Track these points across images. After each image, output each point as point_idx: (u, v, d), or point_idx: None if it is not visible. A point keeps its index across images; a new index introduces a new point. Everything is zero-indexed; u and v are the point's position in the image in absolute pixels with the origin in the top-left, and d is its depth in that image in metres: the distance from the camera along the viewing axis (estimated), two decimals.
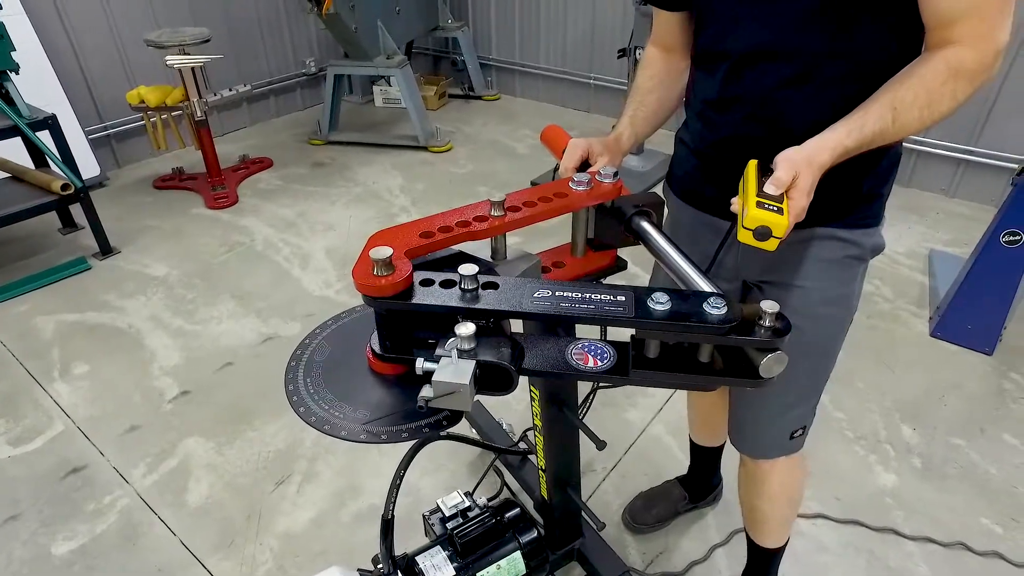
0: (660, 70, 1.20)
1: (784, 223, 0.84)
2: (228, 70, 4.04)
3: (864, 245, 1.08)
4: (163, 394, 2.24)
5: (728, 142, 1.06)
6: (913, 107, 0.87)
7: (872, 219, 1.07)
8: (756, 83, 0.98)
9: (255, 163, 3.88)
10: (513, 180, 3.76)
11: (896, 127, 0.87)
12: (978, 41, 0.84)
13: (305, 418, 0.84)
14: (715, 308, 0.75)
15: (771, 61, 0.95)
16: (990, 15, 0.83)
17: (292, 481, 1.91)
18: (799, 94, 0.95)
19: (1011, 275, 2.27)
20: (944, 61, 0.86)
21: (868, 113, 0.87)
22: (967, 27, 0.84)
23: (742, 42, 0.97)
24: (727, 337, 0.76)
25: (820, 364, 1.18)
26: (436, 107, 4.90)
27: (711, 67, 1.05)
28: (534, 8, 4.72)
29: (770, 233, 0.84)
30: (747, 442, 1.29)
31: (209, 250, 3.07)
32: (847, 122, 0.88)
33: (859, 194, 1.04)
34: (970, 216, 3.30)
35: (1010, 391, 2.23)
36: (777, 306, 0.74)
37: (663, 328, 0.77)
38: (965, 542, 1.72)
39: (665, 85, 1.20)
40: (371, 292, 0.81)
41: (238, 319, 2.59)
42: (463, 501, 1.43)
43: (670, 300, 0.77)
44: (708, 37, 1.05)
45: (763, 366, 0.76)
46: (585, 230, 1.09)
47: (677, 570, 1.67)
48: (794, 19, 0.92)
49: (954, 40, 0.85)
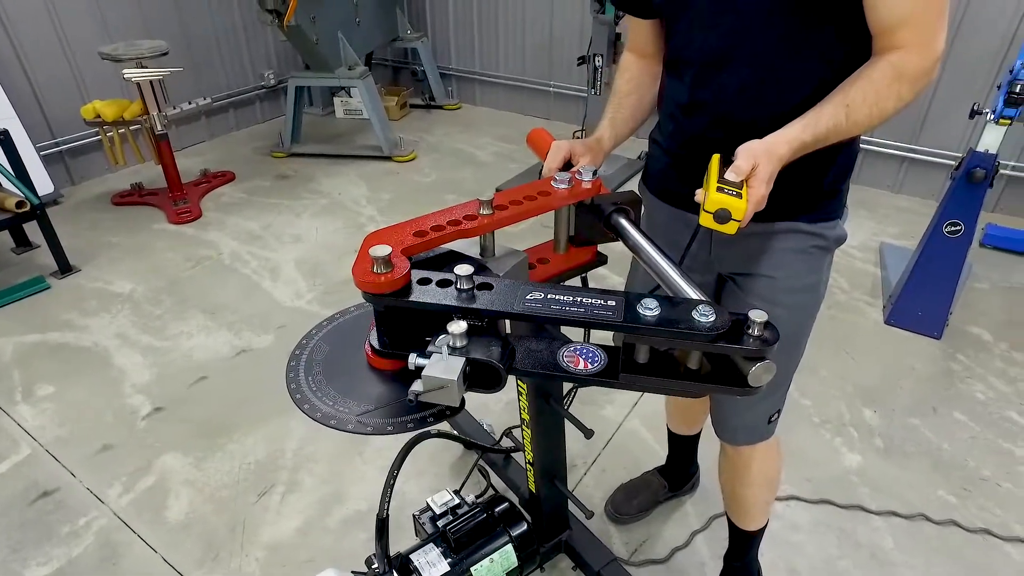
0: (636, 74, 1.26)
1: (742, 206, 0.89)
2: (185, 84, 3.97)
3: (828, 237, 1.15)
4: (136, 412, 2.20)
5: (695, 143, 1.12)
6: (863, 106, 0.94)
7: (834, 212, 1.15)
8: (719, 88, 1.05)
9: (217, 177, 3.83)
10: (478, 187, 3.81)
11: (848, 124, 0.95)
12: (918, 47, 0.92)
13: (311, 414, 0.85)
14: (704, 316, 0.76)
15: (731, 67, 1.02)
16: (928, 23, 0.91)
17: (275, 491, 1.90)
18: (758, 98, 1.02)
19: (954, 263, 2.42)
20: (890, 65, 0.94)
21: (822, 111, 0.95)
22: (908, 34, 0.92)
23: (704, 49, 1.04)
24: (715, 345, 0.77)
25: (791, 351, 1.23)
26: (398, 117, 4.92)
27: (679, 73, 1.12)
28: (492, 18, 4.79)
29: (729, 216, 0.89)
30: (729, 431, 1.34)
31: (175, 265, 3.02)
32: (803, 119, 0.95)
33: (821, 189, 1.11)
34: (914, 210, 3.49)
35: (958, 372, 2.37)
36: (765, 315, 0.76)
37: (651, 333, 0.79)
38: (925, 513, 1.82)
39: (642, 89, 1.26)
40: (370, 289, 0.84)
41: (209, 333, 2.56)
42: (452, 499, 1.46)
43: (659, 306, 0.78)
44: (675, 44, 1.11)
45: (752, 375, 0.77)
46: (567, 227, 1.14)
47: (660, 557, 1.72)
48: (750, 27, 0.98)
49: (897, 46, 0.93)
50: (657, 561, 1.71)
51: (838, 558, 1.71)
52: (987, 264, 3.01)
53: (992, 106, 2.27)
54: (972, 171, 2.28)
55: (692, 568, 1.70)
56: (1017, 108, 2.18)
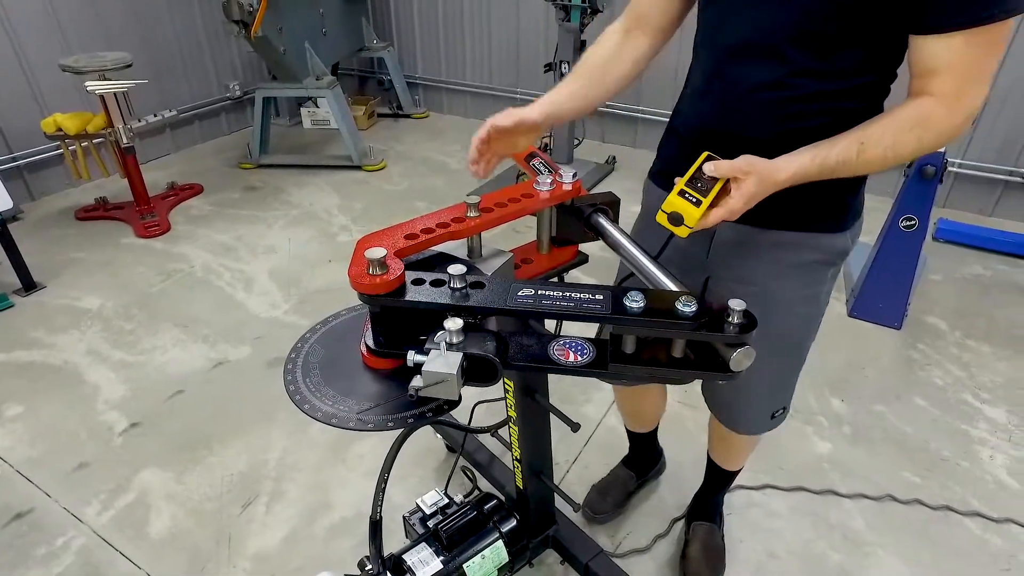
0: (612, 48, 1.19)
1: (696, 215, 0.91)
2: (149, 96, 3.91)
3: (830, 250, 1.14)
4: (111, 428, 2.16)
5: (703, 132, 1.11)
6: (879, 145, 0.93)
7: (843, 225, 1.12)
8: (736, 80, 1.03)
9: (185, 189, 3.78)
10: (450, 195, 3.83)
11: (859, 161, 0.93)
12: (952, 99, 0.89)
13: (311, 414, 0.87)
14: (686, 306, 0.81)
15: (753, 61, 1.00)
16: (968, 78, 0.88)
17: (259, 502, 1.89)
18: (770, 100, 1.00)
19: (910, 256, 2.54)
20: (916, 109, 0.92)
21: (835, 144, 0.93)
22: (944, 83, 0.89)
23: (733, 36, 1.01)
24: (697, 332, 0.81)
25: (792, 356, 1.27)
26: (366, 127, 4.92)
27: (703, 56, 1.09)
28: (458, 27, 4.83)
29: (681, 220, 0.92)
30: (735, 420, 1.41)
31: (145, 279, 2.98)
32: (814, 149, 0.94)
33: (828, 202, 1.09)
34: (872, 207, 3.57)
35: (917, 360, 2.48)
36: (743, 304, 0.80)
37: (638, 324, 0.82)
38: (892, 494, 1.91)
39: (606, 67, 1.19)
40: (367, 290, 0.87)
41: (184, 347, 2.53)
42: (442, 499, 1.49)
43: (644, 298, 0.83)
44: (706, 27, 1.09)
45: (733, 360, 0.81)
46: (549, 228, 1.18)
47: (643, 546, 1.77)
48: (785, 25, 0.95)
49: (931, 92, 0.90)
50: (641, 551, 1.76)
51: (814, 541, 1.78)
52: (940, 257, 3.16)
53: None
54: (923, 168, 2.40)
55: (673, 554, 1.75)
56: None
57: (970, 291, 2.92)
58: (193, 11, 4.31)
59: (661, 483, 1.97)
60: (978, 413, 2.23)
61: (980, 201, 3.63)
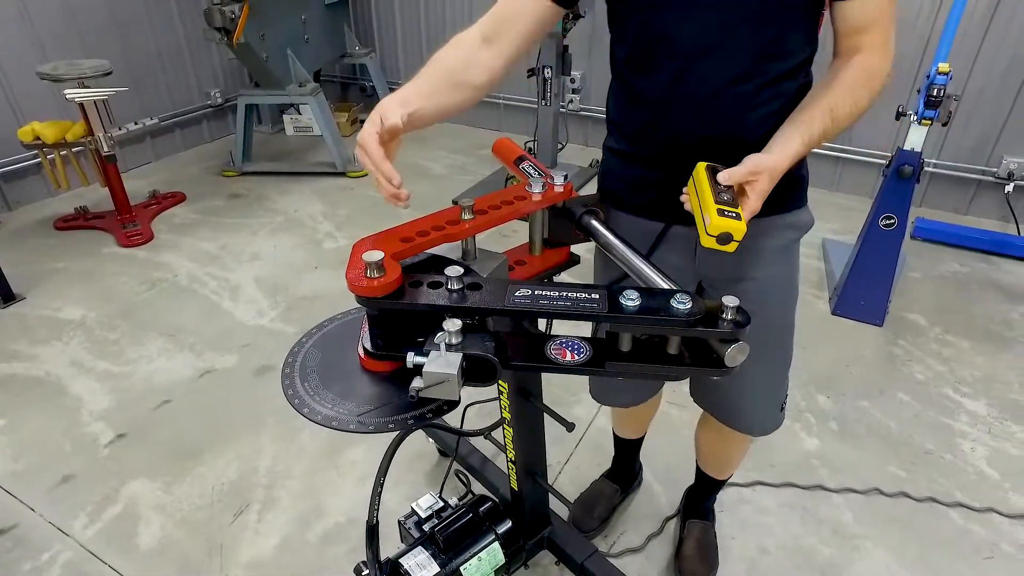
0: (468, 56, 1.07)
1: (743, 228, 0.92)
2: (128, 104, 3.87)
3: (801, 225, 1.20)
4: (97, 440, 2.13)
5: (675, 141, 1.10)
6: (844, 107, 0.99)
7: (803, 199, 1.20)
8: (704, 81, 1.03)
9: (167, 198, 3.74)
10: (435, 200, 3.84)
11: (834, 127, 0.99)
12: (881, 48, 1.00)
13: (311, 417, 0.87)
14: (681, 303, 0.82)
15: (719, 59, 1.01)
16: (887, 27, 1.00)
17: (251, 510, 1.88)
18: (744, 91, 1.03)
19: (891, 254, 2.59)
20: (859, 65, 1.01)
21: (813, 120, 0.98)
22: (872, 36, 0.99)
23: (693, 40, 1.01)
24: (693, 329, 0.82)
25: (786, 339, 1.31)
26: (349, 133, 4.90)
27: (655, 67, 1.07)
28: (440, 33, 4.85)
29: (731, 238, 0.92)
30: (746, 424, 1.40)
31: (128, 289, 2.94)
32: (798, 130, 0.97)
33: (793, 180, 1.13)
34: (851, 207, 3.70)
35: (899, 356, 2.53)
36: (737, 300, 0.81)
37: (634, 322, 0.84)
38: (878, 488, 1.95)
39: (465, 74, 1.07)
40: (364, 293, 0.87)
41: (170, 356, 2.50)
42: (437, 502, 1.49)
43: (640, 297, 0.84)
44: (650, 35, 1.06)
45: (728, 356, 0.83)
46: (541, 230, 1.19)
47: (637, 545, 1.78)
48: (739, 18, 0.98)
49: (862, 48, 1.00)
50: (635, 550, 1.77)
51: (803, 536, 1.81)
52: (918, 255, 3.22)
53: (914, 108, 2.46)
54: (901, 168, 2.45)
55: (667, 552, 1.77)
56: (936, 110, 2.37)
57: (948, 288, 2.99)
58: (173, 18, 4.28)
59: (653, 482, 1.98)
60: (959, 407, 2.28)
61: (955, 200, 3.71)
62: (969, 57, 3.35)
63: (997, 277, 3.08)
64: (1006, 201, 3.46)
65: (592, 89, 4.48)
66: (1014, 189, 3.43)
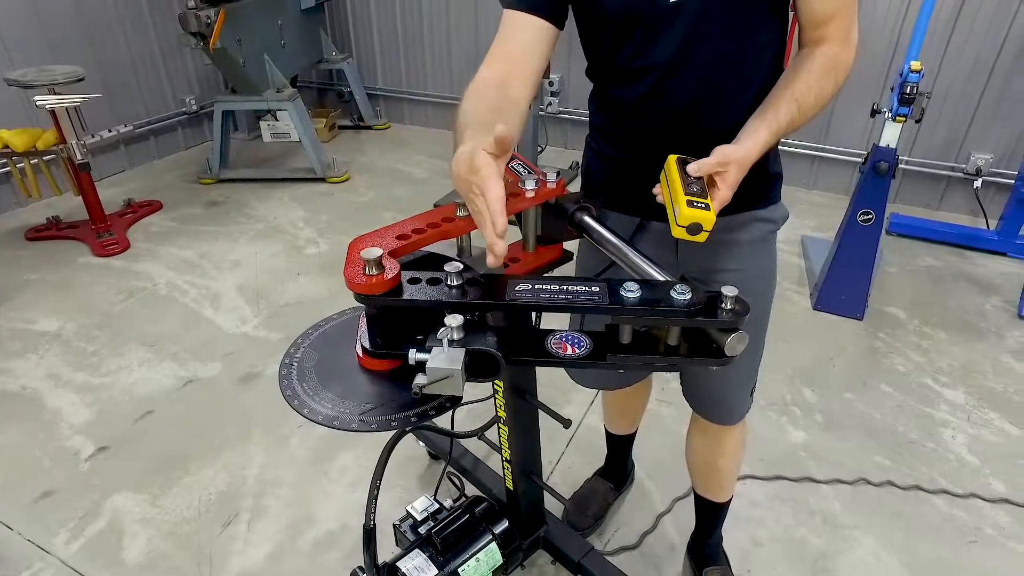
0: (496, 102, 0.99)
1: (712, 218, 0.94)
2: (101, 111, 3.79)
3: (776, 219, 1.24)
4: (77, 453, 2.07)
5: (652, 146, 1.12)
6: (809, 96, 1.02)
7: (777, 194, 1.24)
8: (680, 89, 1.06)
9: (143, 206, 3.67)
10: (417, 204, 3.82)
11: (800, 116, 1.02)
12: (844, 38, 1.03)
13: (312, 417, 0.86)
14: (681, 294, 0.83)
15: (693, 68, 1.04)
16: (850, 17, 1.03)
17: (240, 520, 1.84)
18: (718, 95, 1.06)
19: (869, 249, 2.65)
20: (824, 55, 1.03)
21: (779, 110, 1.00)
22: (835, 27, 1.02)
23: (667, 52, 1.04)
24: (694, 319, 0.83)
25: (761, 329, 1.33)
26: (327, 139, 4.87)
27: (633, 78, 1.10)
28: (418, 37, 4.84)
29: (701, 228, 0.95)
30: (724, 412, 1.41)
31: (106, 299, 2.88)
32: (765, 121, 1.00)
33: (768, 176, 1.19)
34: (828, 204, 3.77)
35: (880, 348, 2.58)
36: (736, 290, 0.82)
37: (635, 313, 0.84)
38: (865, 477, 1.98)
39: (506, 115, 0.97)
40: (363, 290, 0.86)
41: (152, 366, 2.45)
42: (432, 504, 1.48)
43: (640, 288, 0.84)
44: (627, 52, 1.08)
45: (728, 345, 0.84)
46: (535, 227, 1.19)
47: (632, 543, 1.79)
48: (711, 26, 1.01)
49: (826, 38, 1.03)
50: (630, 548, 1.78)
51: (795, 527, 1.83)
52: (894, 249, 3.29)
53: (888, 105, 2.52)
54: (877, 164, 2.50)
55: (663, 549, 1.78)
56: (909, 107, 2.43)
57: (924, 281, 3.06)
58: (146, 24, 4.21)
59: (645, 479, 1.99)
60: (939, 396, 2.33)
61: (927, 196, 3.80)
62: (936, 56, 3.44)
63: (970, 270, 3.16)
64: (975, 196, 3.56)
65: (571, 92, 4.51)
66: (982, 184, 3.53)
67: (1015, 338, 2.65)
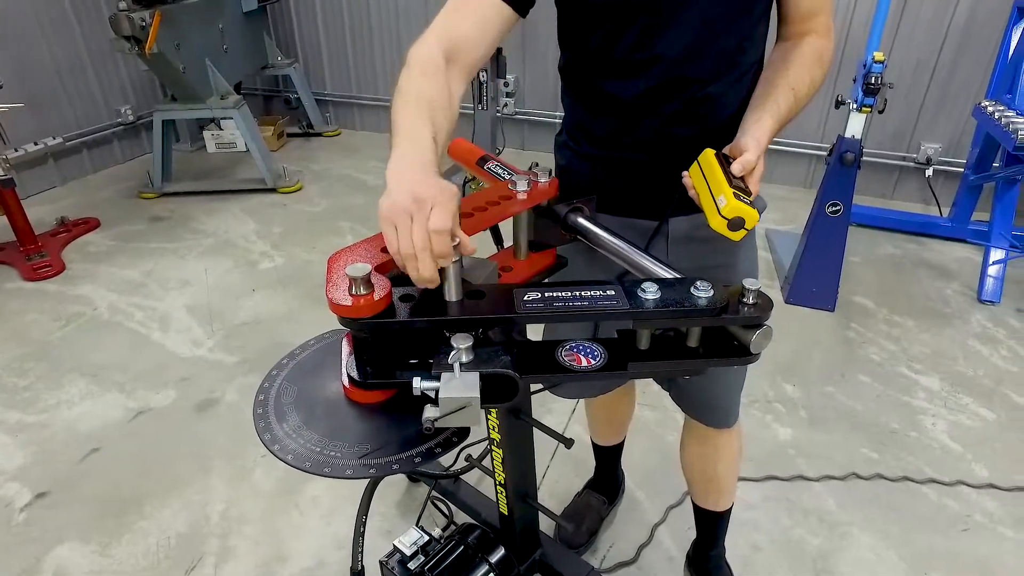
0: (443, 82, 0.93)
1: (756, 216, 0.87)
2: (24, 123, 3.50)
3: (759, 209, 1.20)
4: (10, 503, 1.86)
5: (652, 142, 1.08)
6: (803, 85, 1.02)
7: None
8: (686, 81, 1.02)
9: (79, 224, 3.41)
10: (374, 213, 3.64)
11: (796, 105, 1.02)
12: (826, 32, 1.06)
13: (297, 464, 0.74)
14: (702, 291, 0.76)
15: (700, 59, 1.00)
16: (831, 10, 1.06)
17: (205, 563, 1.68)
18: (723, 87, 1.04)
19: (838, 240, 2.65)
20: (811, 47, 1.04)
21: (778, 98, 0.99)
22: (820, 21, 1.05)
23: (676, 44, 0.99)
24: (718, 318, 0.77)
25: None
26: (276, 147, 4.67)
27: (633, 72, 1.04)
28: (366, 39, 4.69)
29: (743, 224, 0.87)
30: (721, 415, 1.35)
31: (39, 327, 2.64)
32: (768, 111, 0.97)
33: None
34: (788, 197, 3.81)
35: (854, 339, 2.59)
36: (758, 283, 0.77)
37: (657, 316, 0.77)
38: (855, 472, 1.96)
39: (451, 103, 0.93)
40: (351, 314, 0.75)
41: (95, 398, 2.24)
42: (421, 536, 1.36)
43: (659, 288, 0.77)
44: (629, 44, 1.02)
45: (754, 343, 0.79)
46: (527, 233, 1.10)
47: (629, 558, 1.71)
48: (717, 18, 0.98)
49: (812, 31, 1.05)
50: (627, 563, 1.70)
51: (792, 527, 1.79)
52: (856, 240, 3.32)
53: (853, 96, 2.53)
54: (843, 155, 2.51)
55: (661, 562, 1.70)
56: (874, 97, 2.44)
57: (887, 270, 3.10)
58: (72, 28, 3.93)
59: (635, 490, 1.92)
60: (915, 384, 2.34)
61: (881, 186, 3.88)
62: (885, 49, 3.51)
63: (928, 257, 3.23)
64: (927, 184, 3.64)
65: (526, 92, 4.43)
66: (933, 173, 3.62)
67: (978, 322, 2.70)
